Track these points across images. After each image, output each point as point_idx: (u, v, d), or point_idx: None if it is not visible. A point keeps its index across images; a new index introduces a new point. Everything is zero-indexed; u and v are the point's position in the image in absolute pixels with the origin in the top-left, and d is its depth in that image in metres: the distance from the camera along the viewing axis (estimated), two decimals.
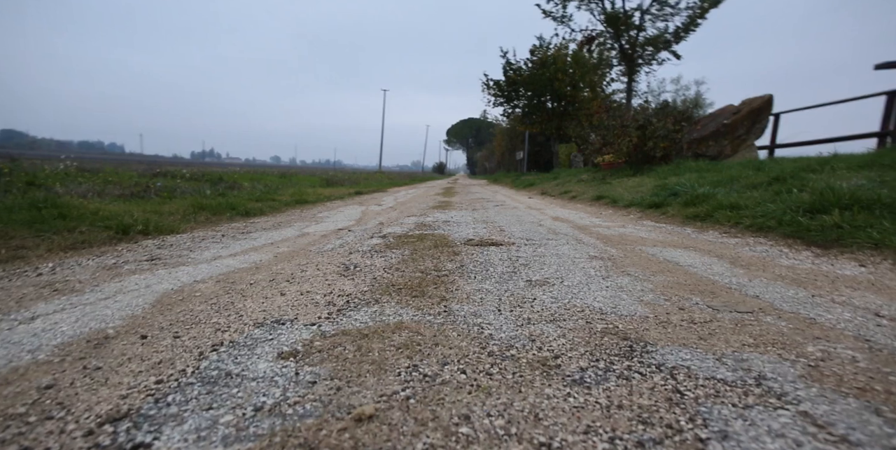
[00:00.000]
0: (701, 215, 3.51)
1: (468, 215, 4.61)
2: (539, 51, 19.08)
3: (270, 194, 7.38)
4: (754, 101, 8.20)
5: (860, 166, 4.14)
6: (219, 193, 5.99)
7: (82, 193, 4.23)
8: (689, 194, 4.24)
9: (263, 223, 3.92)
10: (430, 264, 2.12)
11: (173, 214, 3.91)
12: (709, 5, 13.74)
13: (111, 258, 2.15)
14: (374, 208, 5.73)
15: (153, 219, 3.38)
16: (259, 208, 4.99)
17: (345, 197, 8.11)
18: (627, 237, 2.97)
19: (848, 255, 2.05)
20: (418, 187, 14.50)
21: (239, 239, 2.93)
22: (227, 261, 2.20)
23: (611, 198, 5.78)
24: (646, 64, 15.45)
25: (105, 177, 6.14)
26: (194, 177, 8.42)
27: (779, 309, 1.34)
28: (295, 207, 5.78)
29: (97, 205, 3.66)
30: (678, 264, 2.05)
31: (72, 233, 2.57)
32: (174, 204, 4.51)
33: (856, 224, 2.29)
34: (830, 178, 3.90)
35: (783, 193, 3.53)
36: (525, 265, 2.10)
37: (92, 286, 1.63)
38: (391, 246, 2.66)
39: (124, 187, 5.33)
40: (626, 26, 14.95)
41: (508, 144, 35.49)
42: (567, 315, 1.35)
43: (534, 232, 3.28)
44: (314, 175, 16.78)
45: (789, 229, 2.58)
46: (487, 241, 2.82)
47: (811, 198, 2.81)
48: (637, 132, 8.08)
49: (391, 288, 1.68)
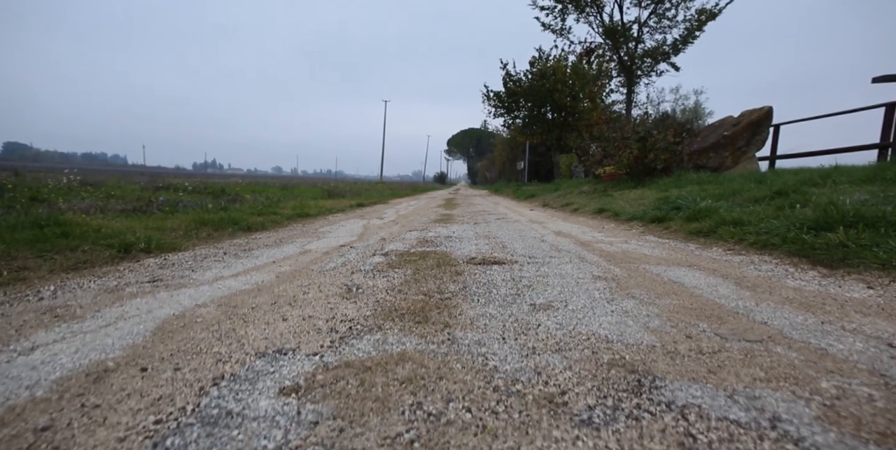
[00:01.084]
0: (704, 231, 3.50)
1: (470, 230, 4.60)
2: (539, 62, 19.27)
3: (272, 207, 7.39)
4: (753, 113, 8.23)
5: (862, 180, 4.13)
6: (221, 206, 6.00)
7: (85, 209, 4.23)
8: (691, 209, 4.23)
9: (265, 239, 3.91)
10: (432, 286, 2.10)
11: (175, 230, 3.91)
12: (706, 18, 13.90)
13: (113, 280, 2.14)
14: (375, 222, 5.73)
15: (155, 236, 3.37)
16: (261, 223, 4.99)
17: (346, 210, 8.11)
18: (631, 254, 2.96)
19: (855, 275, 2.03)
20: (419, 199, 14.52)
21: (241, 257, 2.92)
22: (228, 282, 2.18)
23: (613, 211, 5.77)
24: (645, 75, 15.59)
25: (108, 191, 6.16)
26: (196, 190, 8.44)
27: (788, 338, 1.32)
28: (297, 220, 5.77)
29: (100, 221, 3.66)
30: (683, 285, 2.03)
31: (74, 252, 2.57)
32: (176, 219, 4.52)
33: (861, 243, 2.28)
34: (833, 192, 3.89)
35: (786, 208, 3.52)
36: (528, 287, 2.08)
37: (93, 312, 1.61)
38: (393, 265, 2.64)
39: (127, 202, 5.34)
40: (625, 38, 15.11)
41: (509, 155, 35.65)
42: (572, 344, 1.33)
43: (536, 249, 3.27)
44: (315, 186, 16.82)
45: (794, 247, 2.56)
46: (490, 259, 2.81)
47: (815, 214, 2.80)
48: (638, 144, 8.11)
49: (394, 313, 1.66)
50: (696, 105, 38.34)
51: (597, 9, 15.01)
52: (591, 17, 15.23)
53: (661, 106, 35.54)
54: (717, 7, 13.67)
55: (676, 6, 14.38)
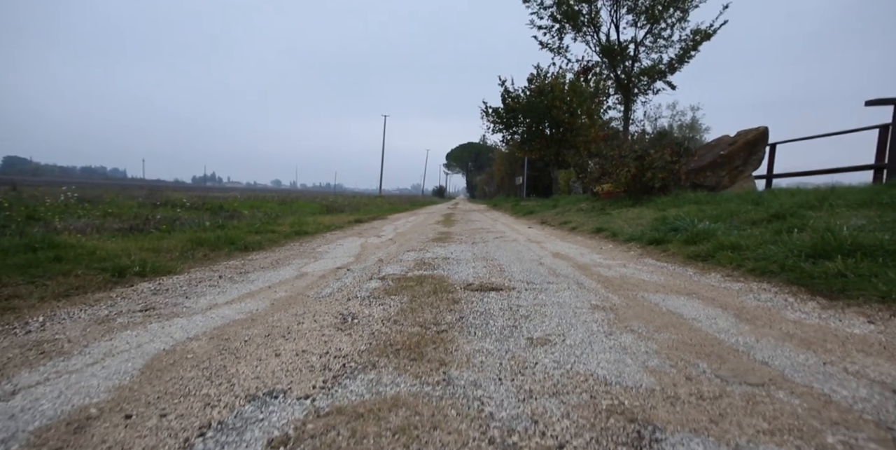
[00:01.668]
0: (702, 255, 3.48)
1: (468, 250, 4.58)
2: (537, 79, 19.55)
3: (270, 224, 7.37)
4: (749, 133, 8.31)
5: (858, 204, 4.14)
6: (218, 224, 5.98)
7: (81, 229, 4.21)
8: (689, 231, 4.22)
9: (262, 260, 3.88)
10: (429, 316, 2.07)
11: (171, 250, 3.89)
12: (701, 38, 14.16)
13: (104, 308, 2.11)
14: (373, 241, 5.71)
15: (150, 258, 3.34)
16: (258, 242, 4.97)
17: (344, 226, 8.10)
18: (629, 280, 2.93)
19: (855, 308, 2.01)
20: (418, 214, 14.52)
21: (236, 281, 2.89)
22: (222, 310, 2.15)
23: (611, 231, 5.77)
24: (641, 93, 15.79)
25: (105, 208, 6.15)
26: (195, 206, 8.43)
27: (791, 381, 1.30)
28: (294, 239, 5.75)
29: (95, 242, 3.64)
30: (682, 317, 2.01)
31: (67, 277, 2.54)
32: (173, 239, 4.49)
33: (860, 272, 2.26)
34: (830, 216, 3.90)
35: (784, 232, 3.52)
36: (526, 317, 2.05)
37: (81, 347, 1.58)
38: (390, 291, 2.61)
39: (124, 220, 5.32)
40: (622, 57, 15.36)
41: (508, 169, 35.86)
42: (570, 386, 1.30)
43: (534, 273, 3.24)
44: (314, 201, 16.84)
45: (792, 275, 2.54)
46: (487, 285, 2.78)
47: (812, 241, 2.79)
48: (635, 163, 8.16)
49: (389, 348, 1.63)
50: (693, 121, 38.84)
51: (594, 28, 15.29)
52: (588, 36, 15.51)
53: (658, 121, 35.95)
54: (712, 28, 13.94)
55: (671, 26, 14.67)
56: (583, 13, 15.15)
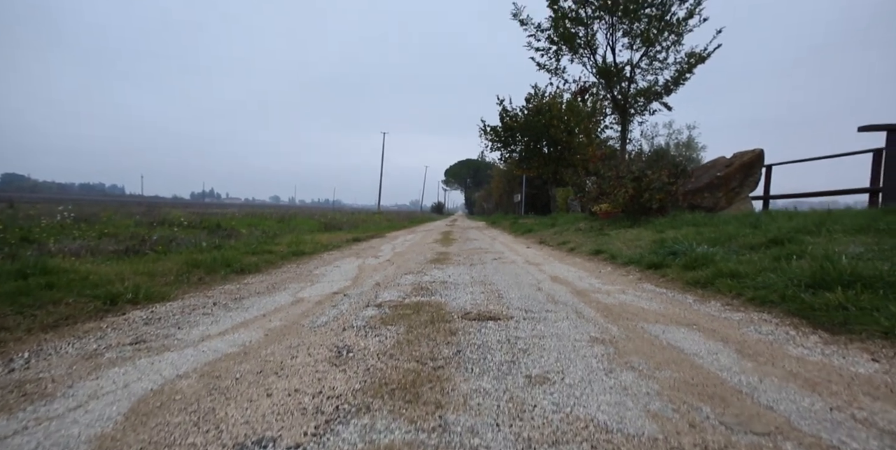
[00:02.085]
0: (702, 282, 3.46)
1: (466, 274, 4.54)
2: (535, 99, 19.87)
3: (267, 244, 7.34)
4: (745, 155, 8.39)
5: (856, 230, 4.15)
6: (214, 245, 5.95)
7: (75, 251, 4.17)
8: (688, 256, 4.21)
9: (257, 284, 3.84)
10: (425, 349, 2.03)
11: (166, 274, 3.84)
12: (695, 61, 14.45)
13: (93, 341, 2.06)
14: (370, 262, 5.67)
15: (144, 283, 3.31)
16: (254, 264, 4.93)
17: (342, 246, 8.06)
18: (628, 308, 2.90)
19: (858, 343, 1.98)
20: (416, 232, 14.50)
21: (230, 309, 2.84)
22: (215, 343, 2.11)
23: (609, 253, 5.75)
24: (638, 114, 16.01)
25: (101, 228, 6.11)
26: (192, 225, 8.40)
27: (798, 430, 1.26)
28: (291, 260, 5.71)
29: (89, 266, 3.60)
30: (683, 352, 1.97)
31: (57, 306, 2.49)
32: (168, 261, 4.46)
33: (861, 305, 2.24)
34: (828, 243, 3.90)
35: (782, 259, 3.50)
36: (524, 351, 2.01)
37: (65, 388, 1.53)
38: (386, 320, 2.57)
39: (120, 241, 5.29)
40: (618, 78, 15.63)
41: (506, 186, 36.05)
42: (570, 434, 1.26)
43: (532, 299, 3.21)
44: (312, 218, 16.82)
45: (793, 306, 2.52)
46: (485, 314, 2.75)
47: (812, 270, 2.78)
48: (633, 184, 8.20)
49: (384, 387, 1.59)
50: (690, 140, 39.31)
51: (590, 50, 15.60)
52: (584, 58, 15.81)
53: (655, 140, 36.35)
54: (706, 51, 14.25)
55: (666, 49, 14.98)
56: (579, 36, 15.47)
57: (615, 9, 14.53)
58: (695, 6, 14.09)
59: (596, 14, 15.01)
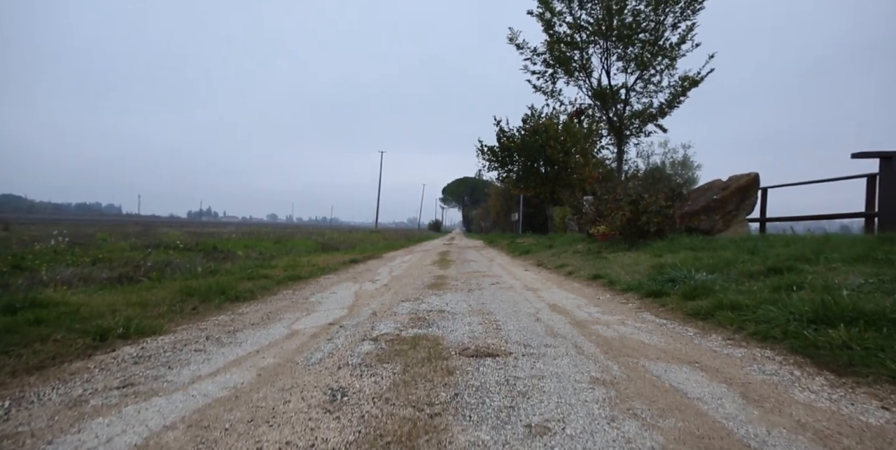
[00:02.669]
0: (702, 313, 3.42)
1: (464, 301, 4.49)
2: (531, 119, 20.13)
3: (263, 267, 7.29)
4: (741, 179, 8.47)
5: (854, 259, 4.14)
6: (210, 270, 5.89)
7: (67, 280, 4.12)
8: (687, 284, 4.18)
9: (252, 314, 3.78)
10: (422, 393, 1.98)
11: (159, 304, 3.79)
12: (689, 85, 14.75)
13: (79, 385, 2.00)
14: (367, 287, 5.61)
15: (136, 316, 3.25)
16: (250, 290, 4.87)
17: (339, 268, 8.00)
18: (628, 342, 2.86)
19: (865, 388, 1.94)
20: (414, 252, 14.44)
21: (223, 344, 2.78)
22: (205, 385, 2.05)
23: (608, 278, 5.71)
24: (633, 135, 16.22)
25: (95, 253, 6.06)
26: (188, 247, 8.35)
27: None
28: (287, 285, 5.65)
29: (81, 297, 3.55)
30: (686, 396, 1.92)
31: (45, 343, 2.44)
32: (163, 289, 4.40)
33: (865, 345, 2.21)
34: (827, 272, 3.89)
35: (782, 289, 3.49)
36: (523, 394, 1.96)
37: (44, 444, 1.47)
38: (382, 357, 2.52)
39: (114, 266, 5.23)
40: (613, 100, 15.90)
41: (504, 205, 36.22)
42: None
43: (531, 332, 3.16)
44: (309, 238, 16.78)
45: (796, 343, 2.48)
46: (483, 349, 2.69)
47: (813, 305, 2.75)
48: (630, 207, 8.23)
49: (379, 440, 1.53)
50: (685, 158, 39.79)
51: (585, 74, 15.93)
52: (580, 81, 16.14)
53: (651, 159, 36.75)
54: (699, 75, 14.56)
55: (660, 73, 15.30)
56: (574, 59, 15.81)
57: (609, 34, 14.90)
58: (686, 32, 14.47)
59: (591, 39, 15.38)
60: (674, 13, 14.32)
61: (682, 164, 40.58)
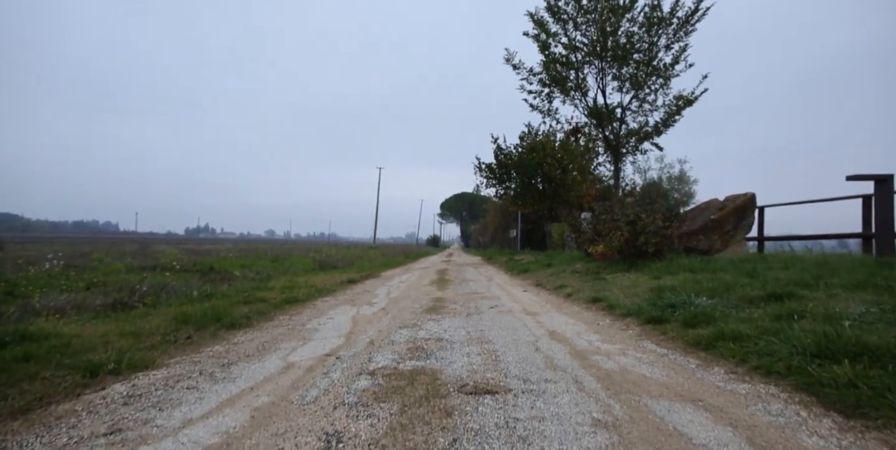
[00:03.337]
0: (703, 343, 3.37)
1: (462, 328, 4.43)
2: (528, 137, 20.33)
3: (260, 290, 7.24)
4: (738, 199, 8.51)
5: (854, 286, 4.12)
6: (206, 293, 5.83)
7: (60, 308, 4.06)
8: (688, 311, 4.14)
9: (248, 344, 3.72)
10: (419, 438, 1.93)
11: (153, 333, 3.73)
12: (683, 104, 14.96)
13: (64, 432, 1.94)
14: (365, 312, 5.55)
15: (129, 347, 3.20)
16: (246, 316, 4.82)
17: (336, 290, 7.93)
18: (629, 376, 2.81)
19: (875, 432, 1.90)
20: (412, 270, 14.36)
21: (217, 380, 2.72)
22: (196, 430, 1.99)
23: (607, 302, 5.66)
24: (630, 153, 16.37)
25: (91, 277, 6.00)
26: (185, 268, 8.29)
27: None
28: (284, 310, 5.59)
29: (73, 328, 3.49)
30: (691, 441, 1.88)
31: (33, 382, 2.38)
32: (157, 317, 4.35)
33: (871, 384, 2.17)
34: (828, 299, 3.86)
35: (784, 318, 3.45)
36: (523, 440, 1.91)
37: None
38: (379, 395, 2.46)
39: (108, 291, 5.17)
40: (609, 119, 16.10)
41: (502, 221, 36.27)
42: None
43: (530, 364, 3.10)
44: (307, 256, 16.71)
45: (800, 380, 2.44)
46: (482, 386, 2.64)
47: (816, 338, 2.71)
48: (628, 227, 8.23)
49: None
50: (682, 173, 40.04)
51: (581, 93, 16.16)
52: (576, 100, 16.35)
53: (647, 174, 36.99)
54: (693, 95, 14.79)
55: (655, 92, 15.53)
56: (570, 79, 16.05)
57: (604, 54, 15.17)
58: (680, 53, 14.75)
59: (586, 59, 15.66)
60: (667, 35, 14.62)
61: (678, 179, 40.85)
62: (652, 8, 14.30)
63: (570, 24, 15.39)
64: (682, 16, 14.25)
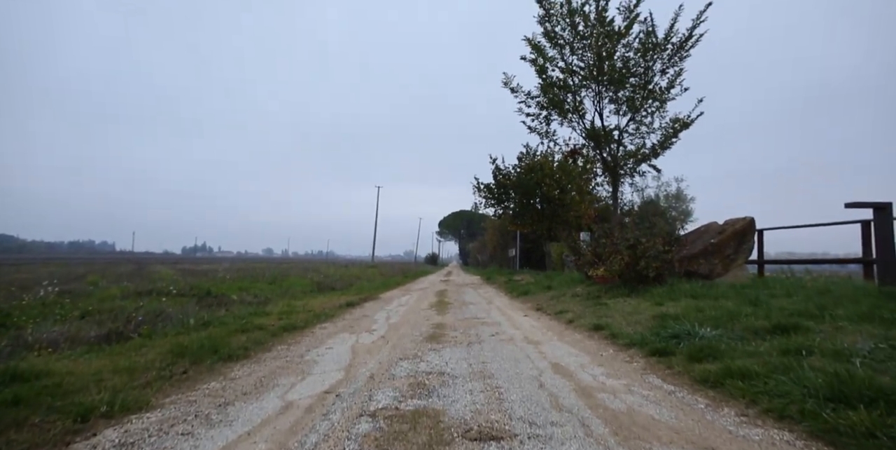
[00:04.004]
0: (711, 380, 3.30)
1: (464, 360, 4.35)
2: (526, 158, 20.51)
3: (258, 315, 7.14)
4: (737, 223, 8.52)
5: (860, 317, 4.09)
6: (203, 321, 5.73)
7: (54, 340, 3.98)
8: (693, 344, 4.08)
9: (245, 379, 3.63)
10: None
11: (148, 368, 3.64)
12: (680, 127, 15.18)
13: None
14: (364, 340, 5.46)
15: (122, 386, 3.11)
16: (243, 347, 4.74)
17: (335, 315, 7.82)
18: (637, 418, 2.73)
19: None
20: (411, 291, 14.24)
21: (213, 424, 2.63)
22: None
23: (610, 330, 5.59)
24: (628, 175, 16.50)
25: (86, 305, 5.91)
26: (181, 293, 8.19)
27: None
28: (282, 338, 5.50)
29: (66, 364, 3.41)
30: None
31: (21, 430, 2.29)
32: (153, 348, 4.26)
33: (891, 433, 2.11)
34: (835, 333, 3.82)
35: (791, 353, 3.41)
36: None
37: None
38: (381, 443, 2.38)
39: (103, 320, 5.08)
40: (606, 140, 16.29)
41: (500, 240, 36.25)
42: None
43: (535, 403, 3.02)
44: (305, 276, 16.58)
45: (815, 425, 2.37)
46: (487, 430, 2.56)
47: (827, 380, 2.66)
48: (628, 251, 8.21)
49: None
50: (679, 192, 40.27)
51: (578, 115, 16.39)
52: (573, 122, 16.58)
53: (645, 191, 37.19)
54: (690, 118, 15.02)
55: (651, 114, 15.77)
56: (567, 102, 16.31)
57: (601, 78, 15.46)
58: (675, 77, 15.06)
59: (583, 83, 15.94)
60: (661, 60, 14.94)
61: (675, 197, 41.09)
62: (647, 34, 14.65)
63: (566, 48, 15.74)
64: (676, 42, 14.59)
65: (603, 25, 14.88)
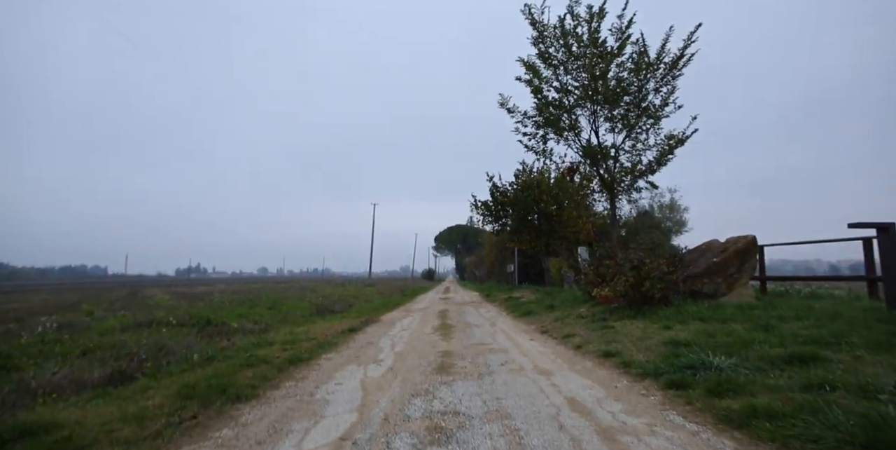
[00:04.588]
0: (735, 419, 3.25)
1: (477, 396, 4.26)
2: (523, 175, 20.67)
3: (261, 346, 7.03)
4: (739, 241, 8.56)
5: (877, 346, 4.07)
6: (207, 355, 5.61)
7: (57, 384, 3.87)
8: (710, 377, 4.03)
9: (257, 426, 3.53)
10: None
11: (157, 415, 3.54)
12: (675, 143, 15.37)
13: None
14: (372, 373, 5.37)
15: (133, 438, 3.02)
16: (251, 384, 4.64)
17: (338, 343, 7.70)
18: None
19: None
20: (412, 312, 14.10)
21: None
22: None
23: (621, 358, 5.53)
24: (625, 192, 16.61)
25: (86, 341, 5.78)
26: (181, 322, 8.05)
27: None
28: (289, 373, 5.40)
29: (73, 412, 3.30)
30: None
31: None
32: (160, 390, 4.17)
33: None
34: (854, 363, 3.79)
35: (814, 388, 3.37)
36: None
37: None
38: None
39: (105, 358, 4.96)
40: (603, 158, 16.44)
41: (498, 255, 36.19)
42: None
43: None
44: (303, 298, 16.40)
45: None
46: None
47: (859, 421, 2.62)
48: (632, 272, 8.20)
49: None
50: (672, 202, 40.63)
51: (574, 134, 16.56)
52: (570, 140, 16.73)
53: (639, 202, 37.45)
54: (684, 134, 15.21)
55: (647, 131, 15.96)
56: (563, 120, 16.50)
57: (596, 97, 15.69)
58: (668, 96, 15.30)
59: (578, 102, 16.16)
60: (655, 78, 15.20)
61: (669, 207, 41.47)
62: (639, 54, 14.93)
63: (560, 68, 15.99)
64: (669, 61, 14.87)
65: (596, 46, 15.17)
